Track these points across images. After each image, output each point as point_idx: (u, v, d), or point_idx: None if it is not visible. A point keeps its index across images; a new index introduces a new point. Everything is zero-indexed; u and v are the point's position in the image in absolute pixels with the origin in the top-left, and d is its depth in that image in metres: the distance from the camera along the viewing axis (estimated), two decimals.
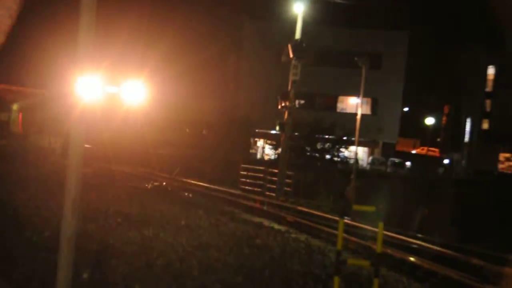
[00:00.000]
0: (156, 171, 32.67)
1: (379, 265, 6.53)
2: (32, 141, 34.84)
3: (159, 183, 25.90)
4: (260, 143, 54.79)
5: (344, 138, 36.82)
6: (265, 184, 27.98)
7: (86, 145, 5.90)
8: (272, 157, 43.47)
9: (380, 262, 6.61)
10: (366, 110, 51.38)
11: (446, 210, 21.92)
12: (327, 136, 37.52)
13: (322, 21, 44.29)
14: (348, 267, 8.52)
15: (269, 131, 46.13)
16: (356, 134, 28.37)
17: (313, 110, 48.69)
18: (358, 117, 28.75)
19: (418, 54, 63.76)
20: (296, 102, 32.85)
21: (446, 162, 69.39)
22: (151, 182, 25.87)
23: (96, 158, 28.96)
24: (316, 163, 35.51)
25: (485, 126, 61.10)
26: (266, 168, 29.11)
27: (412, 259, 12.05)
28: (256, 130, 49.59)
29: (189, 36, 45.90)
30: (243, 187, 28.64)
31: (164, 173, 32.04)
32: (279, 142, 31.78)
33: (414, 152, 75.34)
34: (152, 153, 36.25)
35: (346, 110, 53.89)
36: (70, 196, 5.38)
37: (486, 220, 21.26)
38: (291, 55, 26.79)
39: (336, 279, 6.50)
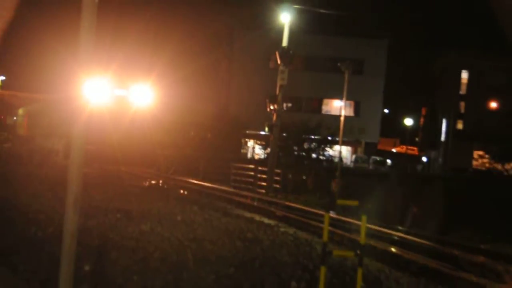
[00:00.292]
0: (161, 172, 32.49)
1: (362, 255, 6.53)
2: (37, 143, 34.62)
3: (155, 181, 25.83)
4: (250, 143, 54.76)
5: (329, 138, 36.81)
6: (255, 181, 27.94)
7: (91, 146, 5.87)
8: (262, 156, 43.44)
9: (364, 253, 6.60)
10: (349, 112, 51.63)
11: (433, 205, 21.94)
12: (313, 137, 37.49)
13: (308, 30, 44.43)
14: (333, 258, 8.52)
15: (259, 132, 46.12)
16: (340, 134, 28.37)
17: (300, 112, 48.75)
18: (342, 118, 28.78)
19: (397, 60, 64.17)
20: (284, 105, 32.98)
21: (424, 160, 69.81)
22: (148, 181, 25.79)
23: (104, 159, 28.80)
24: (303, 161, 35.44)
25: (459, 126, 61.46)
26: (256, 167, 29.09)
27: (394, 250, 12.09)
28: (247, 131, 49.56)
29: (185, 45, 45.94)
30: (235, 184, 28.59)
31: (162, 172, 31.95)
32: (268, 142, 31.77)
33: (394, 150, 75.81)
34: (159, 154, 36.06)
35: (330, 112, 53.96)
36: (72, 194, 5.35)
37: (470, 213, 21.31)
38: (279, 62, 26.92)
39: (322, 268, 6.49)
